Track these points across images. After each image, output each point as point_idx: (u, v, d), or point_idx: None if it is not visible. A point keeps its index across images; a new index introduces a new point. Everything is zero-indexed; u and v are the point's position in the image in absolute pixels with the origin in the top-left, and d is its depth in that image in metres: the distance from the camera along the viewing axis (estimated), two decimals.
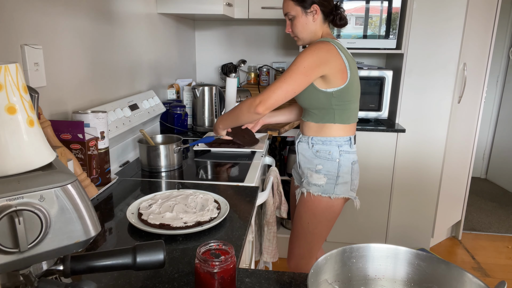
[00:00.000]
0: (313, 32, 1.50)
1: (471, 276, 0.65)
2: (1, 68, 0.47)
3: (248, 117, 1.46)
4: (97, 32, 1.50)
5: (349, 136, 1.53)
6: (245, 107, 1.44)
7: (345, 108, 1.48)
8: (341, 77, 1.43)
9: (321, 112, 1.50)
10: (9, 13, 1.04)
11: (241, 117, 1.49)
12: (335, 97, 1.45)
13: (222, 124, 1.62)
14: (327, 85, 1.44)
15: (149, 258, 0.62)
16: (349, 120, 1.51)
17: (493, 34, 2.67)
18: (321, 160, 1.53)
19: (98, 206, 1.19)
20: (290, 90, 1.39)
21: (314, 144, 1.54)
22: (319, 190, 1.52)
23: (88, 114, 1.25)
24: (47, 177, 0.49)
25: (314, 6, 1.45)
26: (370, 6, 2.39)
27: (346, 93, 1.46)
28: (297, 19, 1.47)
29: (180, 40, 2.57)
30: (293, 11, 1.46)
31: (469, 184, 2.93)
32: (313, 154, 1.54)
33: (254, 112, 1.41)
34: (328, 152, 1.51)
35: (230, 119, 1.57)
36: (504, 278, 2.54)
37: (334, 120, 1.49)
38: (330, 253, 0.72)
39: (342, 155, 1.51)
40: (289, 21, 1.52)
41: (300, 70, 1.38)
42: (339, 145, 1.51)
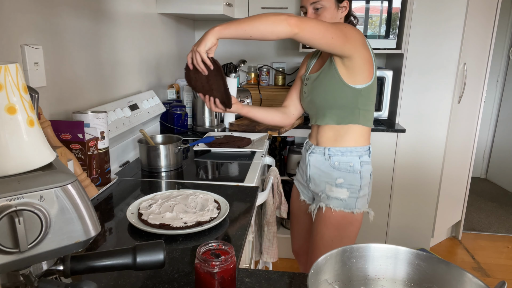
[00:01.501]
0: None
1: (471, 276, 0.65)
2: (1, 68, 0.47)
3: (272, 25, 1.13)
4: (97, 32, 1.50)
5: (368, 145, 1.40)
6: (275, 14, 1.14)
7: (369, 109, 1.37)
8: (368, 71, 1.31)
9: (345, 112, 1.35)
10: (9, 13, 1.04)
11: (263, 22, 1.13)
12: (362, 96, 1.32)
13: (222, 26, 1.15)
14: (354, 80, 1.31)
15: (149, 258, 0.62)
16: (371, 122, 1.40)
17: (493, 34, 2.67)
18: (341, 173, 1.38)
19: (98, 206, 1.19)
20: (329, 32, 1.18)
21: (332, 156, 1.38)
22: (341, 205, 1.38)
23: (88, 114, 1.25)
24: (47, 177, 0.49)
25: (345, 2, 1.35)
26: (370, 6, 2.39)
27: (371, 92, 1.35)
28: (327, 11, 1.32)
29: (180, 40, 2.57)
30: (327, 1, 1.32)
31: (469, 184, 2.93)
32: (331, 167, 1.39)
33: (286, 21, 1.12)
34: (349, 163, 1.37)
35: (241, 22, 1.14)
36: (504, 278, 2.54)
37: (358, 120, 1.35)
38: (330, 253, 0.72)
39: (363, 166, 1.38)
40: (313, 11, 1.34)
41: (341, 27, 1.21)
42: (360, 155, 1.38)
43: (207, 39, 1.15)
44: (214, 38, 1.15)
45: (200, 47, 1.16)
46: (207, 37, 1.15)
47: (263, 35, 1.15)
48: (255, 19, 1.14)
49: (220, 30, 1.14)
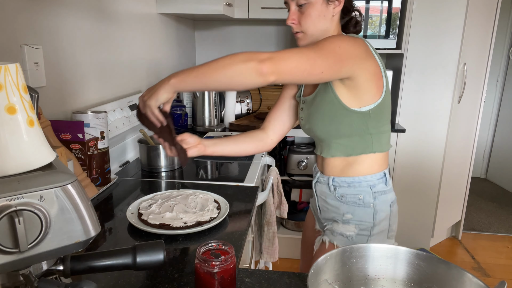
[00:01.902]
0: (326, 31, 1.09)
1: (471, 276, 0.65)
2: (1, 68, 0.47)
3: (240, 73, 0.87)
4: (97, 32, 1.50)
5: (383, 171, 1.13)
6: (243, 57, 0.88)
7: (383, 130, 1.11)
8: (376, 86, 1.05)
9: (354, 141, 1.10)
10: (9, 13, 1.04)
11: (227, 72, 0.88)
12: (372, 118, 1.06)
13: (178, 77, 0.91)
14: (360, 101, 1.05)
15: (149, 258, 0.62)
16: (388, 145, 1.15)
17: (493, 34, 2.67)
18: (349, 207, 1.14)
19: (98, 206, 1.19)
20: (317, 65, 0.92)
21: (337, 187, 1.14)
22: (346, 243, 1.14)
23: (88, 114, 1.25)
24: (47, 177, 0.49)
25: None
26: (370, 6, 2.39)
27: (384, 110, 1.09)
28: (313, 7, 1.06)
29: (180, 40, 2.57)
30: None
31: (469, 184, 2.93)
32: (336, 200, 1.15)
33: (255, 69, 0.86)
34: (358, 196, 1.12)
35: (201, 71, 0.89)
36: (504, 278, 2.54)
37: (372, 148, 1.10)
38: (330, 253, 0.72)
39: (377, 198, 1.12)
40: (295, 9, 1.09)
41: (334, 48, 0.95)
42: (372, 185, 1.12)
43: (160, 94, 0.92)
44: (169, 93, 0.93)
45: (150, 101, 0.94)
46: (160, 91, 0.92)
47: (229, 88, 0.92)
48: (218, 67, 0.88)
49: (176, 83, 0.91)
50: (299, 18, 1.09)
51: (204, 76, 0.89)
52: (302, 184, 2.71)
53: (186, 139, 1.14)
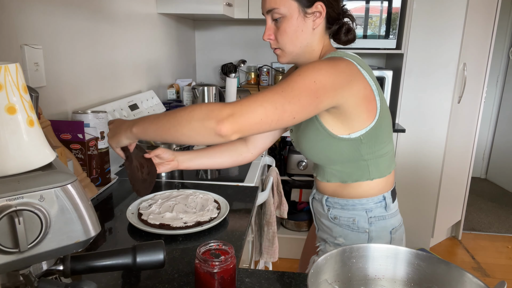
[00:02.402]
0: (308, 46, 0.98)
1: (471, 276, 0.65)
2: (1, 68, 0.47)
3: (198, 133, 0.80)
4: (97, 32, 1.50)
5: (383, 194, 1.03)
6: (201, 114, 0.79)
7: (381, 154, 1.00)
8: (367, 109, 0.93)
9: (348, 168, 1.01)
10: (9, 13, 1.04)
11: (184, 129, 0.81)
12: (365, 143, 0.96)
13: (140, 127, 0.88)
14: (349, 127, 0.94)
15: (149, 258, 0.62)
16: (389, 169, 1.04)
17: (493, 34, 2.67)
18: (342, 231, 1.05)
19: (98, 206, 1.19)
20: (287, 112, 0.80)
21: (331, 208, 1.07)
22: None
23: (88, 114, 1.25)
24: (47, 177, 0.49)
25: (318, 5, 0.93)
26: (370, 6, 2.39)
27: (380, 133, 0.97)
28: (288, 21, 0.94)
29: (180, 40, 2.56)
30: (284, 7, 0.93)
31: (469, 184, 2.93)
32: (330, 221, 1.08)
33: (213, 130, 0.78)
34: (352, 220, 1.04)
35: (160, 125, 0.85)
36: (504, 278, 2.54)
37: (369, 175, 1.01)
38: (330, 253, 0.72)
39: (373, 223, 1.03)
40: (272, 23, 0.98)
41: (307, 84, 0.82)
42: (368, 209, 1.02)
43: (121, 139, 0.92)
44: (130, 140, 0.92)
45: (112, 142, 0.95)
46: (122, 136, 0.91)
47: (190, 144, 0.87)
48: (175, 123, 0.82)
49: (137, 133, 0.88)
50: (275, 34, 0.98)
51: (163, 130, 0.84)
52: (302, 184, 2.71)
53: (160, 154, 1.10)
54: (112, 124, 0.97)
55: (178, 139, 0.83)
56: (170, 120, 0.83)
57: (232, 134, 0.78)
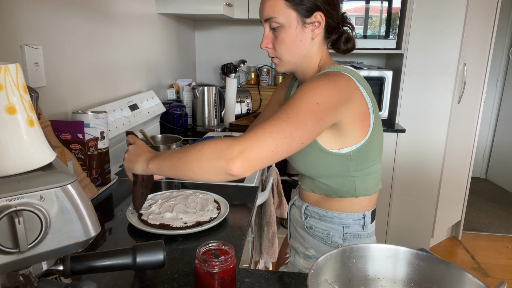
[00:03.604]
0: (306, 56, 0.96)
1: (471, 276, 0.65)
2: (1, 68, 0.47)
3: (209, 172, 0.79)
4: (97, 32, 1.50)
5: (363, 212, 1.01)
6: (211, 153, 0.78)
7: (368, 172, 0.99)
8: (361, 126, 0.92)
9: (335, 183, 0.99)
10: (9, 13, 1.04)
11: (195, 169, 0.80)
12: (354, 160, 0.95)
13: (156, 164, 0.88)
14: (340, 143, 0.93)
15: (149, 258, 0.62)
16: (375, 188, 1.02)
17: (493, 34, 2.67)
18: (315, 242, 1.04)
19: (98, 206, 1.19)
20: (296, 139, 0.79)
21: (308, 217, 1.05)
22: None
23: (88, 114, 1.25)
24: (47, 177, 0.49)
25: (317, 15, 0.92)
26: (370, 6, 2.39)
27: (370, 151, 0.96)
28: (286, 31, 0.93)
29: (180, 40, 2.56)
30: (283, 17, 0.91)
31: (469, 184, 2.93)
32: (305, 230, 1.06)
33: (224, 170, 0.77)
34: (327, 233, 1.02)
35: (173, 163, 0.84)
36: (504, 278, 2.54)
37: (355, 192, 0.99)
38: (330, 253, 0.72)
39: (347, 240, 1.01)
40: (269, 32, 0.96)
41: (311, 107, 0.81)
42: (346, 224, 1.01)
43: (136, 168, 0.92)
44: (144, 172, 0.91)
45: (126, 165, 0.94)
46: (137, 167, 0.91)
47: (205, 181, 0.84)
48: (187, 162, 0.81)
49: (153, 168, 0.88)
50: (273, 42, 0.96)
51: (176, 169, 0.83)
52: None
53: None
54: (133, 147, 0.95)
55: (190, 177, 0.82)
56: (181, 158, 0.82)
57: (244, 172, 0.77)
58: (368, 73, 2.42)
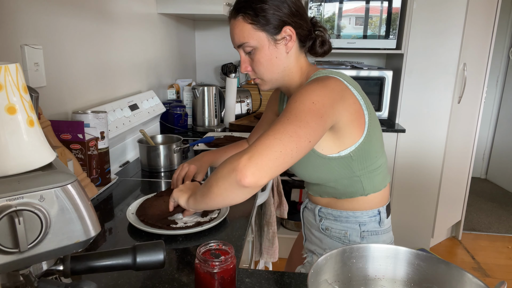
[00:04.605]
0: (285, 70, 0.98)
1: (471, 276, 0.65)
2: (1, 68, 0.47)
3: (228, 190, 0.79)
4: (97, 32, 1.50)
5: (378, 208, 1.02)
6: (224, 170, 0.79)
7: (373, 168, 0.98)
8: (357, 124, 0.93)
9: (341, 185, 1.00)
10: (9, 13, 1.04)
11: (217, 191, 0.81)
12: (355, 160, 0.95)
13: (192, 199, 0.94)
14: (339, 145, 0.94)
15: (149, 258, 0.62)
16: (384, 182, 1.03)
17: (493, 34, 2.67)
18: (332, 243, 1.04)
19: (98, 206, 1.19)
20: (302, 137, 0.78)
21: (323, 219, 1.06)
22: None
23: (88, 114, 1.25)
24: (47, 177, 0.49)
25: (286, 29, 0.93)
26: (370, 6, 2.39)
27: (370, 147, 0.96)
28: (261, 51, 0.94)
29: (180, 40, 2.56)
30: (253, 40, 0.93)
31: (469, 184, 2.93)
32: (321, 232, 1.07)
33: (237, 183, 0.75)
34: (344, 233, 1.02)
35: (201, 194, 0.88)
36: (504, 278, 2.54)
37: (363, 191, 1.00)
38: (330, 253, 0.72)
39: (365, 238, 1.02)
40: (245, 56, 0.98)
41: (308, 107, 0.81)
42: (362, 222, 1.01)
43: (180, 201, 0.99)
44: (184, 206, 0.99)
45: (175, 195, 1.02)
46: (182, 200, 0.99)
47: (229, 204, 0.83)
48: (210, 184, 0.83)
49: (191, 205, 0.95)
50: (251, 65, 0.98)
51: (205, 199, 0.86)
52: (302, 184, 2.71)
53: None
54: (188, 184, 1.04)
55: (218, 203, 0.84)
56: (206, 185, 0.85)
57: (258, 180, 0.75)
58: (368, 73, 2.42)
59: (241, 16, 0.93)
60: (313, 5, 2.41)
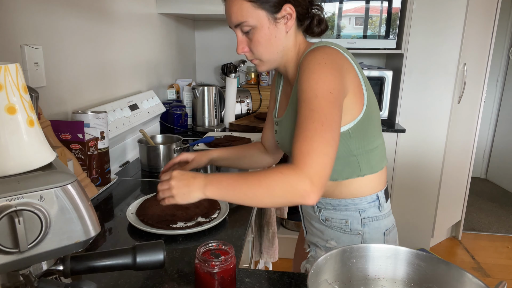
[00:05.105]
0: (284, 49, 0.95)
1: (471, 276, 0.65)
2: (1, 68, 0.47)
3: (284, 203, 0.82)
4: (97, 32, 1.50)
5: (376, 193, 0.99)
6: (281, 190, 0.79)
7: (371, 149, 0.96)
8: (356, 100, 0.90)
9: (338, 165, 0.95)
10: (9, 13, 1.04)
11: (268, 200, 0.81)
12: (354, 137, 0.92)
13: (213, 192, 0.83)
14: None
15: (149, 258, 0.62)
16: (381, 164, 1.00)
17: (493, 34, 2.67)
18: (334, 233, 1.02)
19: (98, 206, 1.19)
20: (336, 138, 0.81)
21: (322, 209, 1.03)
22: None
23: (88, 114, 1.25)
24: (47, 177, 0.49)
25: (287, 7, 0.90)
26: (370, 6, 2.39)
27: (368, 126, 0.93)
28: (260, 31, 0.90)
29: (180, 40, 2.56)
30: (252, 19, 0.89)
31: (469, 184, 2.93)
32: (321, 223, 1.04)
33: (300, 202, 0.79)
34: (345, 221, 1.00)
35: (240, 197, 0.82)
36: (504, 278, 2.54)
37: (360, 171, 0.96)
38: (330, 253, 0.72)
39: (366, 224, 0.99)
40: (242, 35, 0.93)
41: (329, 100, 0.81)
42: (361, 209, 0.99)
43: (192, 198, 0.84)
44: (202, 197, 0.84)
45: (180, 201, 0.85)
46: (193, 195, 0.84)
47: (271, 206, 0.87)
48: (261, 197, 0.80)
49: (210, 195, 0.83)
50: (249, 45, 0.93)
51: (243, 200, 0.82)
52: None
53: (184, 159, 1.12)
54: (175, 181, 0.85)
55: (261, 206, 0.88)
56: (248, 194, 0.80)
57: (320, 195, 0.79)
58: (368, 73, 2.42)
59: None
60: None
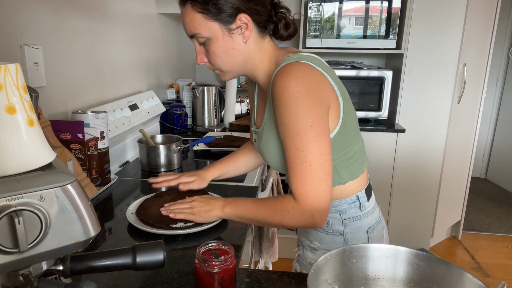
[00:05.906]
0: (246, 59, 0.91)
1: (471, 276, 0.65)
2: (1, 68, 0.47)
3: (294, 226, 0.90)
4: (97, 32, 1.50)
5: (356, 194, 0.98)
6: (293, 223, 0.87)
7: (349, 156, 0.94)
8: (334, 114, 0.88)
9: None
10: (9, 13, 1.04)
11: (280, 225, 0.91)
12: (332, 149, 0.89)
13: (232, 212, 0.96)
14: None
15: (149, 258, 0.62)
16: (361, 168, 0.98)
17: (493, 34, 2.67)
18: (317, 234, 1.02)
19: (98, 206, 1.19)
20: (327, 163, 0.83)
21: None
22: None
23: (88, 114, 1.25)
24: (47, 177, 0.49)
25: (241, 17, 0.85)
26: (370, 6, 2.39)
27: (345, 136, 0.92)
28: (215, 42, 0.87)
29: (180, 40, 2.56)
30: (205, 31, 0.85)
31: (469, 184, 2.93)
32: None
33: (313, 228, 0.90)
34: (326, 223, 1.00)
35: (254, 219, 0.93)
36: (504, 278, 2.54)
37: (340, 180, 0.95)
38: (330, 253, 0.71)
39: (348, 225, 0.99)
40: (200, 47, 0.90)
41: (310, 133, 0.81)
42: (341, 211, 0.98)
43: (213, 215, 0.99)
44: (221, 216, 0.98)
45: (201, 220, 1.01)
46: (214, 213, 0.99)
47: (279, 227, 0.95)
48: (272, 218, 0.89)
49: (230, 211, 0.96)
50: (207, 56, 0.90)
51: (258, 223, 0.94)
52: None
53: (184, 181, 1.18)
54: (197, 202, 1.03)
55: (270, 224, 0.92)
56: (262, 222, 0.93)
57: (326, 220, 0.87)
58: (368, 73, 2.42)
59: (190, 3, 0.84)
60: (313, 5, 2.41)
